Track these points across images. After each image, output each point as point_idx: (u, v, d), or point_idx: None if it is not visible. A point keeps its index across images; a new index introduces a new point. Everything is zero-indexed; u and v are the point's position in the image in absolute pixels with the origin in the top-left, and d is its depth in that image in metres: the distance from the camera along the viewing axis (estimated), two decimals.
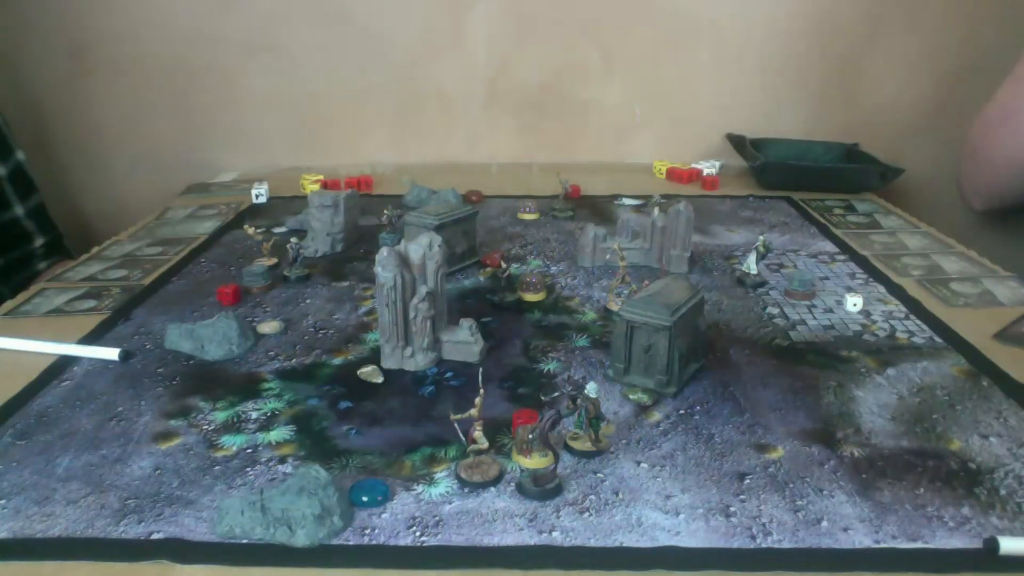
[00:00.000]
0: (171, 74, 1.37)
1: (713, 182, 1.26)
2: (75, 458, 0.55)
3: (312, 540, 0.46)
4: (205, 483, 0.52)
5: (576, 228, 1.02)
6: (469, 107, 1.42)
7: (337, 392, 0.64)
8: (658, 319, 0.62)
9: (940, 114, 1.41)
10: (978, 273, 0.90)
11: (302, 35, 1.36)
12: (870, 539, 0.48)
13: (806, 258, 0.96)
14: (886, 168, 1.22)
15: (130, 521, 0.49)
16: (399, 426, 0.59)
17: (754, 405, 0.62)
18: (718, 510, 0.50)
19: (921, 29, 1.37)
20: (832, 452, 0.56)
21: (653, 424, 0.60)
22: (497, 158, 1.44)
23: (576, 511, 0.50)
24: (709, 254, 0.96)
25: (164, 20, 1.34)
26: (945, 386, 0.65)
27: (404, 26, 1.37)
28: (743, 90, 1.41)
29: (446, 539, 0.47)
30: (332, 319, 0.77)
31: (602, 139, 1.44)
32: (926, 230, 1.06)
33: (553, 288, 0.85)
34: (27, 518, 0.49)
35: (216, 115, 1.40)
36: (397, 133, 1.43)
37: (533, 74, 1.40)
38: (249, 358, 0.70)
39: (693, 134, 1.42)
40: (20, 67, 1.35)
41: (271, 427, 0.59)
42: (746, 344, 0.73)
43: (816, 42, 1.38)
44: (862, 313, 0.79)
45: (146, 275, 0.89)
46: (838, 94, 1.41)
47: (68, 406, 0.62)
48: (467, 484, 0.52)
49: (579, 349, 0.72)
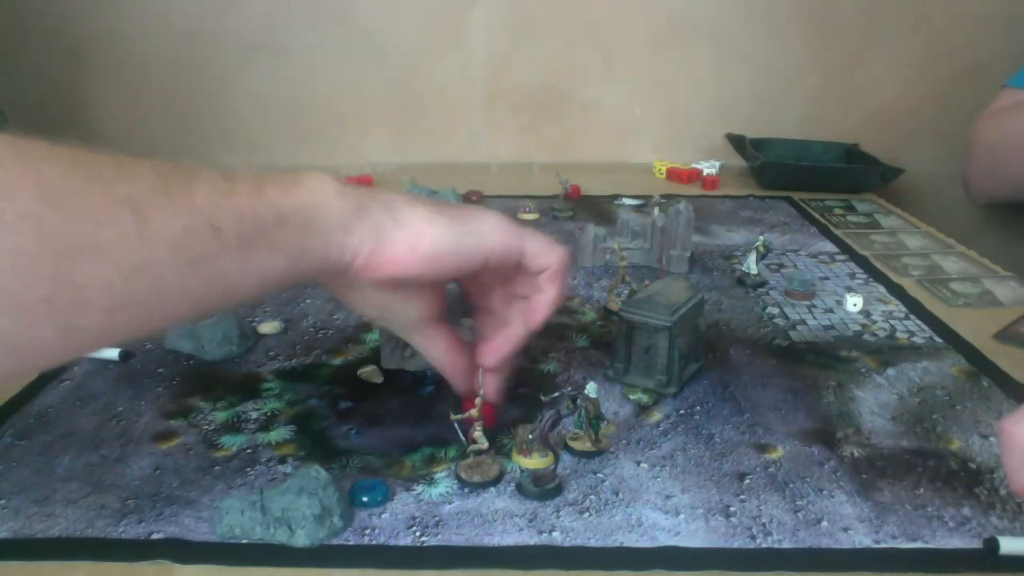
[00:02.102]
0: (171, 74, 1.37)
1: (713, 182, 1.26)
2: (75, 458, 0.55)
3: (312, 540, 0.46)
4: (205, 483, 0.52)
5: (576, 228, 1.02)
6: (469, 107, 1.42)
7: (337, 392, 0.64)
8: (658, 319, 0.62)
9: (940, 114, 1.41)
10: (978, 273, 0.90)
11: (301, 35, 1.36)
12: (870, 539, 0.48)
13: (806, 258, 0.96)
14: (886, 168, 1.22)
15: (130, 521, 0.48)
16: (399, 426, 0.59)
17: (754, 405, 0.62)
18: (718, 510, 0.50)
19: (921, 29, 1.37)
20: (832, 452, 0.56)
21: (653, 424, 0.60)
22: (497, 158, 1.43)
23: (576, 511, 0.50)
24: (709, 254, 0.96)
25: (163, 20, 1.34)
26: (945, 386, 0.65)
27: (404, 26, 1.37)
28: (743, 90, 1.41)
29: (446, 539, 0.47)
30: (332, 319, 0.77)
31: (602, 139, 1.44)
32: (926, 230, 1.06)
33: None
34: (27, 518, 0.49)
35: (215, 115, 1.40)
36: (397, 133, 1.43)
37: (533, 74, 1.40)
38: (249, 358, 0.70)
39: (693, 134, 1.42)
40: (20, 67, 1.35)
41: (271, 427, 0.59)
42: (746, 344, 0.73)
43: (816, 42, 1.38)
44: (862, 313, 0.79)
45: None
46: (838, 94, 1.41)
47: (68, 406, 0.62)
48: (467, 484, 0.52)
49: (579, 349, 0.72)
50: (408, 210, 0.47)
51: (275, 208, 0.42)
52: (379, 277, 0.46)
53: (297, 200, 0.43)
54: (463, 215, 0.49)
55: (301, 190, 0.44)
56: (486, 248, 0.49)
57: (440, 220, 0.47)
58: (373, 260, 0.45)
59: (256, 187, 0.42)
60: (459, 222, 0.48)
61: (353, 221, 0.45)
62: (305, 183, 0.44)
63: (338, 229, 0.44)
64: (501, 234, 0.49)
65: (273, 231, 0.41)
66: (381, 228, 0.46)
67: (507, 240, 0.49)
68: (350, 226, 0.45)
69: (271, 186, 0.42)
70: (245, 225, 0.40)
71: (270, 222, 0.41)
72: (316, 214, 0.43)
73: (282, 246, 0.42)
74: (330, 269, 0.45)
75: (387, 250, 0.45)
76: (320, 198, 0.44)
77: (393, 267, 0.46)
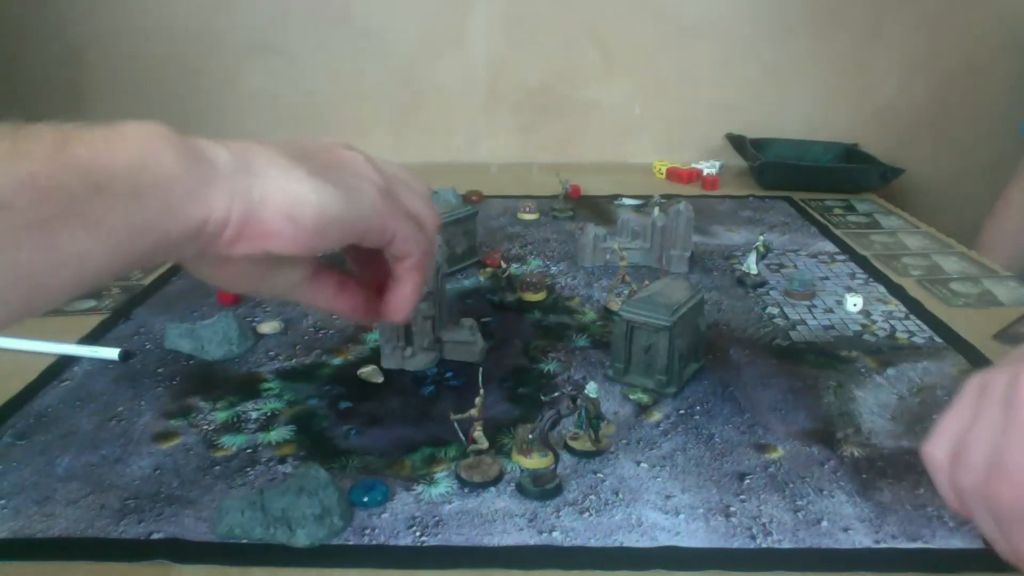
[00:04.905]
0: (170, 74, 1.37)
1: (713, 182, 1.26)
2: (75, 458, 0.55)
3: (312, 540, 0.46)
4: (205, 483, 0.52)
5: (576, 228, 1.02)
6: (469, 107, 1.42)
7: (337, 392, 0.64)
8: (658, 319, 0.62)
9: (940, 114, 1.41)
10: (978, 273, 0.90)
11: (302, 35, 1.36)
12: (870, 539, 0.48)
13: (806, 258, 0.96)
14: (886, 168, 1.22)
15: (130, 521, 0.49)
16: (399, 426, 0.59)
17: (754, 405, 0.62)
18: (718, 510, 0.50)
19: (922, 29, 1.37)
20: (832, 452, 0.56)
21: (653, 424, 0.60)
22: (497, 158, 1.43)
23: (576, 511, 0.50)
24: (709, 254, 0.96)
25: (163, 20, 1.34)
26: (945, 386, 0.65)
27: (404, 26, 1.37)
28: (743, 90, 1.41)
29: (446, 539, 0.47)
30: (332, 319, 0.77)
31: (602, 139, 1.44)
32: (926, 230, 1.06)
33: (553, 288, 0.85)
34: (27, 518, 0.49)
35: (216, 115, 1.40)
36: (397, 133, 1.43)
37: (533, 74, 1.40)
38: (249, 358, 0.70)
39: (693, 134, 1.42)
40: (19, 67, 1.35)
41: (271, 427, 0.59)
42: (746, 344, 0.73)
43: (816, 42, 1.38)
44: (862, 313, 0.79)
45: (146, 275, 0.89)
46: (838, 94, 1.41)
47: (68, 406, 0.62)
48: (467, 484, 0.52)
49: (579, 349, 0.72)
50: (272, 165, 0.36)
51: (87, 171, 0.31)
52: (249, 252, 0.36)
53: (120, 159, 0.32)
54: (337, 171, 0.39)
55: (123, 144, 0.33)
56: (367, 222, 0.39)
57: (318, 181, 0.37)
58: (243, 233, 0.35)
59: (58, 144, 0.32)
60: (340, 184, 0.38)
61: (204, 184, 0.34)
62: (129, 134, 0.34)
63: (185, 195, 0.34)
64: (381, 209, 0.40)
65: (86, 203, 0.31)
66: (247, 193, 0.35)
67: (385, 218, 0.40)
68: (202, 191, 0.34)
69: (79, 142, 0.32)
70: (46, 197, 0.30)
71: (81, 191, 0.31)
72: (147, 178, 0.33)
73: (104, 223, 0.31)
74: (177, 249, 0.35)
75: (258, 222, 0.35)
76: (153, 154, 0.34)
77: (268, 241, 0.36)
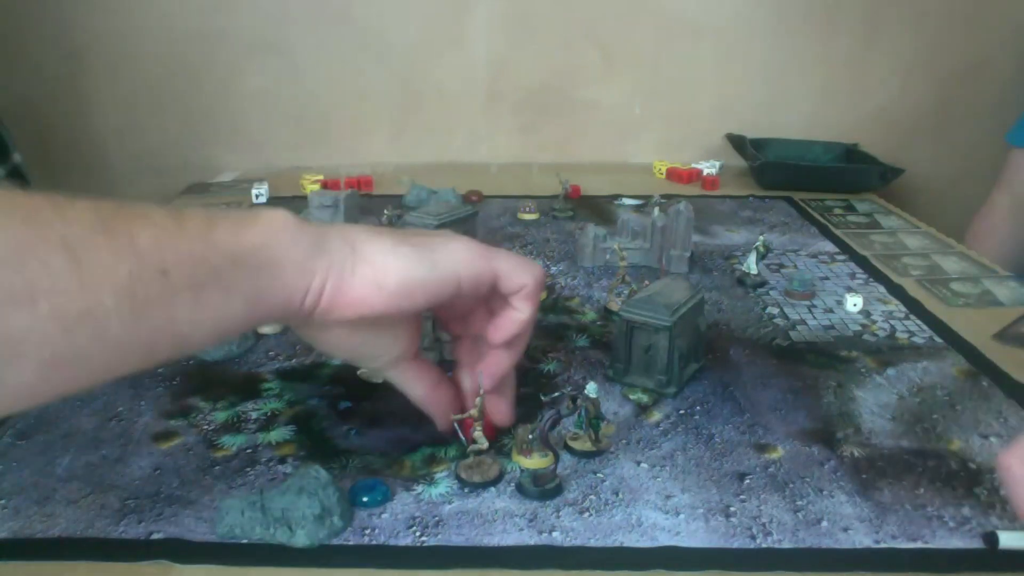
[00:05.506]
0: (171, 74, 1.37)
1: (713, 182, 1.26)
2: (75, 458, 0.55)
3: (312, 540, 0.46)
4: (205, 483, 0.52)
5: (576, 228, 1.02)
6: (469, 107, 1.42)
7: (337, 392, 0.64)
8: (658, 319, 0.62)
9: (940, 114, 1.41)
10: (978, 273, 0.90)
11: (302, 35, 1.36)
12: (870, 539, 0.48)
13: (806, 258, 0.96)
14: (886, 168, 1.22)
15: (130, 521, 0.49)
16: (399, 426, 0.59)
17: (754, 405, 0.62)
18: (718, 510, 0.50)
19: (921, 29, 1.37)
20: (832, 452, 0.56)
21: (653, 424, 0.60)
22: (497, 158, 1.43)
23: (576, 511, 0.50)
24: (709, 254, 0.96)
25: (163, 20, 1.34)
26: (945, 386, 0.65)
27: (404, 26, 1.37)
28: (743, 90, 1.41)
29: (446, 539, 0.47)
30: None
31: (602, 139, 1.44)
32: (926, 230, 1.06)
33: (553, 288, 0.85)
34: (27, 518, 0.49)
35: (216, 115, 1.40)
36: (397, 133, 1.43)
37: (533, 74, 1.40)
38: (249, 358, 0.70)
39: (693, 134, 1.42)
40: (18, 67, 1.35)
41: (271, 427, 0.59)
42: (746, 344, 0.73)
43: (816, 42, 1.38)
44: (862, 313, 0.79)
45: None
46: (838, 94, 1.41)
47: (68, 406, 0.62)
48: (467, 484, 0.52)
49: (579, 349, 0.72)
50: (370, 244, 0.44)
51: (227, 248, 0.39)
52: (345, 317, 0.44)
53: (251, 239, 0.40)
54: (429, 243, 0.47)
55: (255, 228, 0.41)
56: (455, 275, 0.46)
57: (405, 251, 0.45)
58: (337, 300, 0.43)
59: (206, 226, 0.39)
60: (425, 251, 0.46)
61: (311, 260, 0.42)
62: (260, 221, 0.42)
63: (296, 270, 0.42)
64: (470, 259, 0.47)
65: (226, 274, 0.39)
66: (342, 266, 0.43)
67: (477, 265, 0.47)
68: (308, 266, 0.42)
69: (223, 225, 0.40)
70: (195, 268, 0.37)
71: (222, 264, 0.39)
72: (272, 254, 0.41)
73: (237, 289, 0.39)
74: (291, 312, 0.42)
75: (350, 288, 0.43)
76: (275, 237, 0.41)
77: (359, 306, 0.44)
